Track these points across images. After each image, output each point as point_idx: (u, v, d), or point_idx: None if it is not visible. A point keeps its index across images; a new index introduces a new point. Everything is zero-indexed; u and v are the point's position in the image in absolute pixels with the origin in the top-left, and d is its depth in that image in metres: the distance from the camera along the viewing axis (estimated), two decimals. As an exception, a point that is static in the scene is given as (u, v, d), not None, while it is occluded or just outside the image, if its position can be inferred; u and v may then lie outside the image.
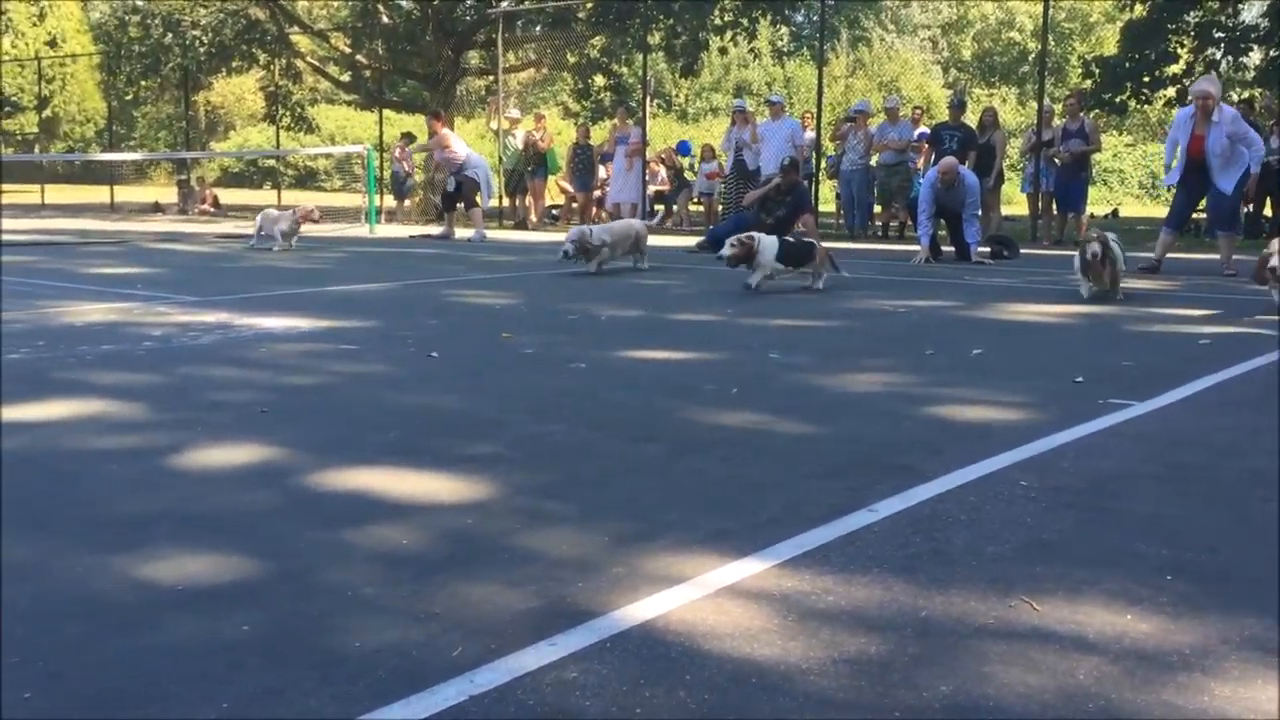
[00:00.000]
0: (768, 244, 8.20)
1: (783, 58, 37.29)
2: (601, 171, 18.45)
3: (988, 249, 11.55)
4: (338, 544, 2.64)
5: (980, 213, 11.54)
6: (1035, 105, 18.22)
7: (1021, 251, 11.77)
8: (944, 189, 10.80)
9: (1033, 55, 36.70)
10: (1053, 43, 33.01)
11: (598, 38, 21.77)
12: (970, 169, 11.95)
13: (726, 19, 20.57)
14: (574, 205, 18.85)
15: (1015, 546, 2.66)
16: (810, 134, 16.17)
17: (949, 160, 11.15)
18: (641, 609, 2.25)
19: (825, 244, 12.78)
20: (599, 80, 22.32)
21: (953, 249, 11.31)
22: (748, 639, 2.12)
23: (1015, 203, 20.78)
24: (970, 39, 43.27)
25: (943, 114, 21.07)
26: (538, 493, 3.10)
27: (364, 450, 3.53)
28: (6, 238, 13.02)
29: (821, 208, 16.85)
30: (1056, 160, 14.18)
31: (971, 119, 15.98)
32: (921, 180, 13.19)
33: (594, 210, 18.37)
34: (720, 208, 17.14)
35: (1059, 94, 25.62)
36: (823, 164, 17.70)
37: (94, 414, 4.03)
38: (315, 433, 3.78)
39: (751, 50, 29.21)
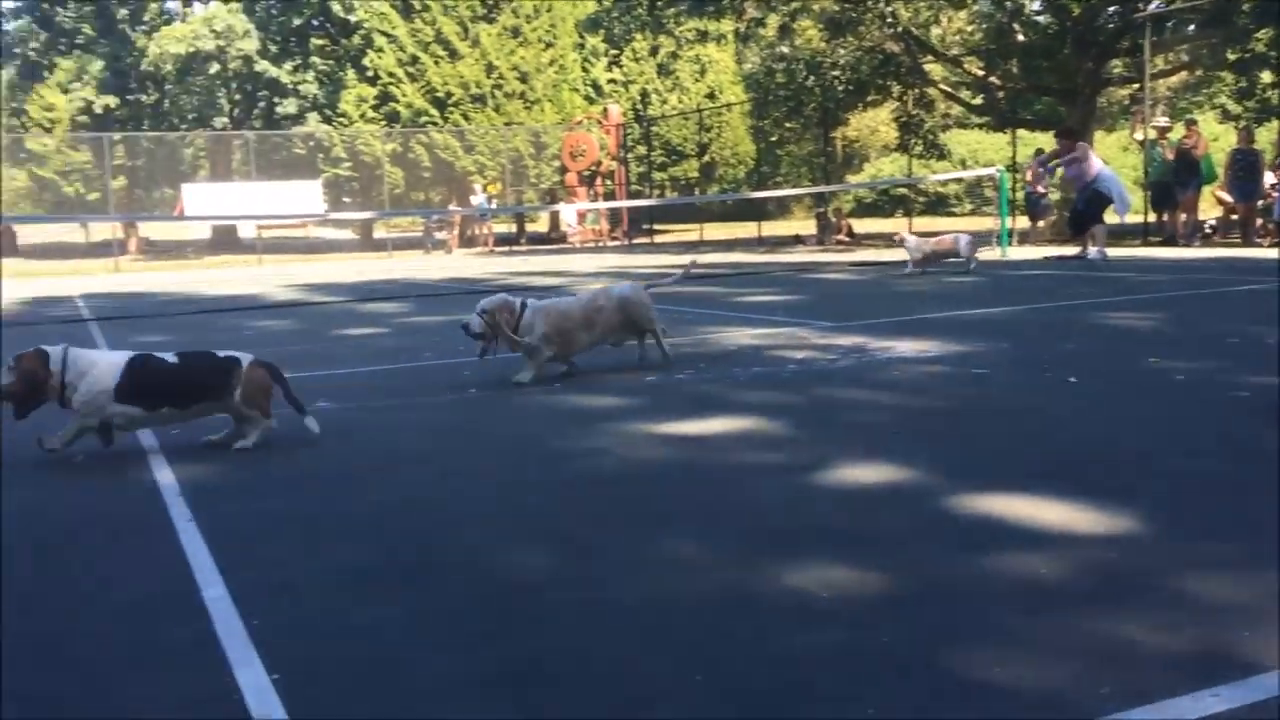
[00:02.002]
0: (89, 368, 4.13)
1: None
2: (1269, 178, 16.47)
3: None
4: (974, 568, 2.64)
5: None
6: None
7: None
8: None
9: None
10: None
11: (1264, 30, 19.49)
12: None
13: None
14: (1233, 217, 17.04)
15: None
16: None
17: None
18: (1325, 672, 1.97)
19: None
20: (1265, 77, 19.98)
21: None
22: None
23: None
24: None
25: None
26: (1191, 531, 2.84)
27: (997, 475, 3.48)
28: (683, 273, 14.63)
29: None
30: None
31: None
32: None
33: (1258, 222, 16.45)
34: None
35: None
36: None
37: (747, 430, 4.41)
38: (947, 455, 3.80)
39: None
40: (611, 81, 40.00)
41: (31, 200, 35.06)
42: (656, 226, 32.80)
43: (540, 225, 37.47)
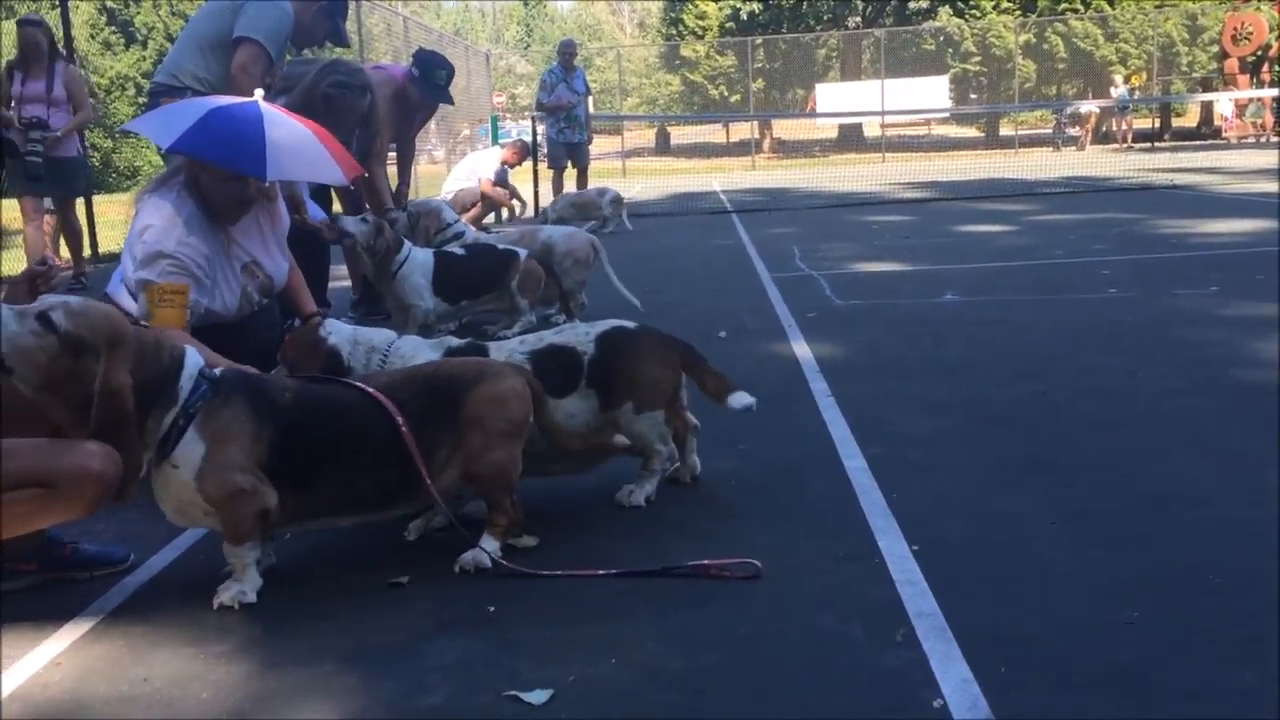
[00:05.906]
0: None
1: None
2: None
3: None
4: None
5: None
6: None
7: None
8: None
9: None
10: None
11: None
12: None
13: None
14: None
15: None
16: None
17: None
18: None
19: None
20: None
21: None
22: None
23: None
24: None
25: None
26: None
27: None
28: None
29: None
30: None
31: None
32: None
33: None
34: None
35: None
36: None
37: None
38: None
39: None
40: (1292, -50, 34.62)
41: (682, 103, 38.57)
42: (1335, 119, 28.15)
43: (1188, 119, 33.89)
